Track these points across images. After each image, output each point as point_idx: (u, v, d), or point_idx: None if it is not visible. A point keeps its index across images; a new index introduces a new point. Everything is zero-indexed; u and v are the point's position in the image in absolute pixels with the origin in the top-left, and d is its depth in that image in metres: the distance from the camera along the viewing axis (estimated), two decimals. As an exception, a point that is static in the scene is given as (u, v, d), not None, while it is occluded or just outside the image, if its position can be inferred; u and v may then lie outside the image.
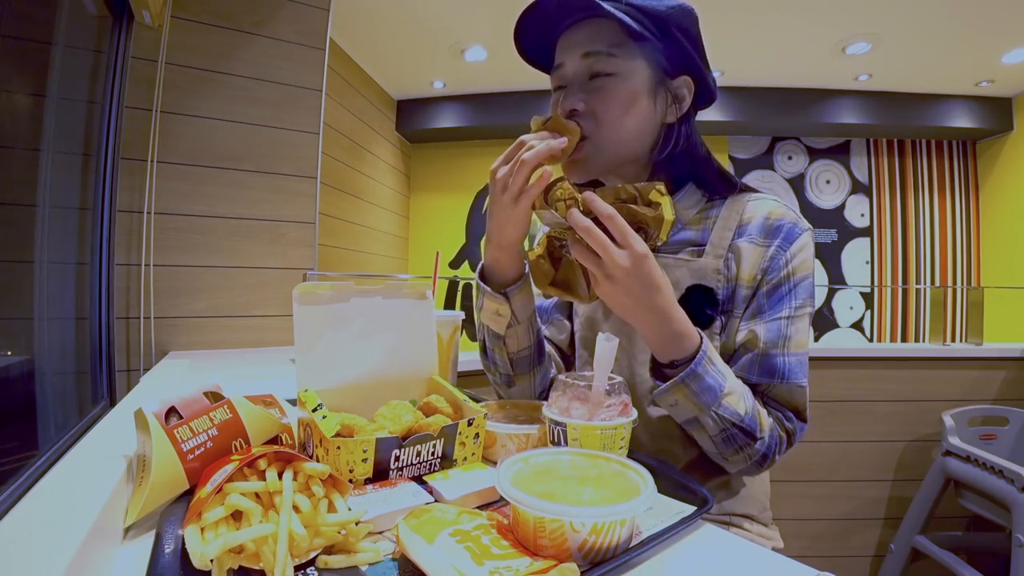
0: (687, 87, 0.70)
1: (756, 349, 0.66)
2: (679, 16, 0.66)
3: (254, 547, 0.35)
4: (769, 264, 0.66)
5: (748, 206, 0.70)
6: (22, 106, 1.10)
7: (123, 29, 1.40)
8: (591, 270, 0.56)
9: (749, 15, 2.74)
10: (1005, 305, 3.51)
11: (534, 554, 0.38)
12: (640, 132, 0.68)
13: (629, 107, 0.66)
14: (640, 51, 0.65)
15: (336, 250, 3.00)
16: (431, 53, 3.23)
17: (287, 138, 1.73)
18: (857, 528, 1.90)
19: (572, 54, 0.67)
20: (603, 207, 0.54)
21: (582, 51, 0.66)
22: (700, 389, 0.58)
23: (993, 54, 3.05)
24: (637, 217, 0.57)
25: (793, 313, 0.66)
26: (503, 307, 0.70)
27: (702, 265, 0.69)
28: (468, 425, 0.56)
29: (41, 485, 0.44)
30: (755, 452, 0.62)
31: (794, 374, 0.65)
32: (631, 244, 0.54)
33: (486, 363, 0.80)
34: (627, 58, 0.65)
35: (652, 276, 0.55)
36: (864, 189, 4.08)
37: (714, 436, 0.61)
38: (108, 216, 1.39)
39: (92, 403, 1.32)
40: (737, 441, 0.61)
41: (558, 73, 0.69)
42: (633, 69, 0.65)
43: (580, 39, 0.66)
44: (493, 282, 0.70)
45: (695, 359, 0.58)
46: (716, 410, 0.59)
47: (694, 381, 0.58)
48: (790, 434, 0.66)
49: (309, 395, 0.57)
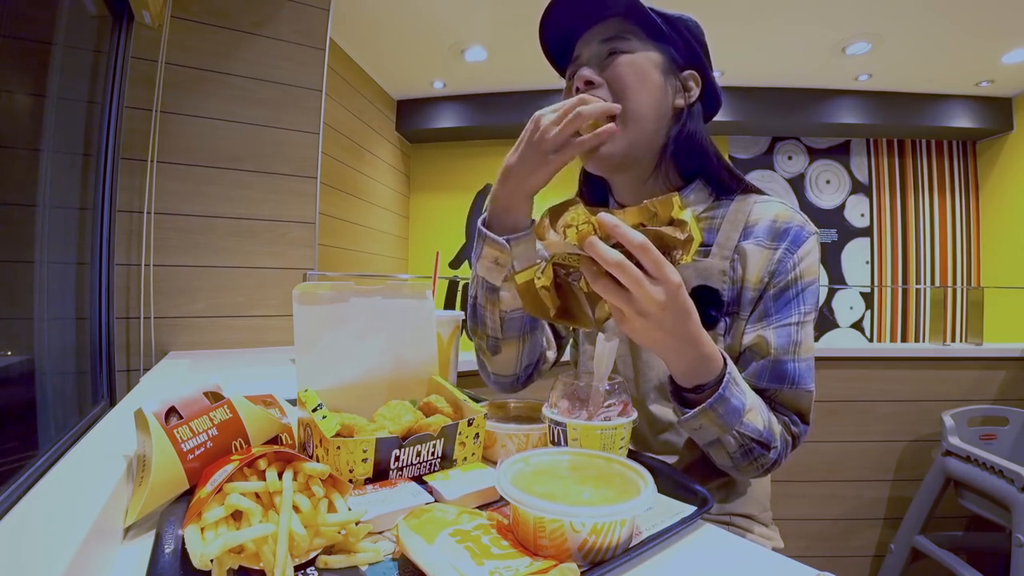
0: (694, 80, 0.72)
1: (767, 355, 0.65)
2: (688, 22, 0.70)
3: (254, 547, 0.35)
4: (776, 267, 0.66)
5: (755, 208, 0.70)
6: (22, 106, 1.09)
7: (123, 29, 1.40)
8: (619, 307, 0.50)
9: (749, 15, 2.74)
10: (1005, 305, 3.51)
11: (534, 554, 0.38)
12: (655, 107, 0.68)
13: (644, 79, 0.67)
14: (653, 41, 0.68)
15: (336, 250, 3.00)
16: (431, 53, 3.23)
17: (287, 138, 1.73)
18: (857, 528, 1.90)
19: (590, 45, 0.69)
20: (632, 236, 0.47)
21: (600, 38, 0.68)
22: (726, 412, 0.56)
23: (993, 54, 3.05)
24: (665, 241, 0.50)
25: (802, 319, 0.66)
26: (503, 255, 0.67)
27: (708, 266, 0.68)
28: (468, 425, 0.56)
29: (41, 485, 0.44)
30: (768, 461, 0.62)
31: (803, 379, 0.65)
32: (667, 277, 0.48)
33: (474, 326, 0.77)
34: (643, 43, 0.68)
35: (685, 305, 0.51)
36: (864, 189, 4.08)
37: (733, 452, 0.60)
38: (108, 216, 1.39)
39: (92, 403, 1.32)
40: (754, 454, 0.61)
41: (576, 64, 0.71)
42: (646, 53, 0.68)
43: (598, 32, 0.69)
44: (497, 229, 0.68)
45: (722, 383, 0.56)
46: (739, 429, 0.58)
47: (721, 405, 0.56)
48: (795, 437, 0.66)
49: (309, 395, 0.57)
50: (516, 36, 2.93)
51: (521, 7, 2.62)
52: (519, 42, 3.00)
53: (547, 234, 0.53)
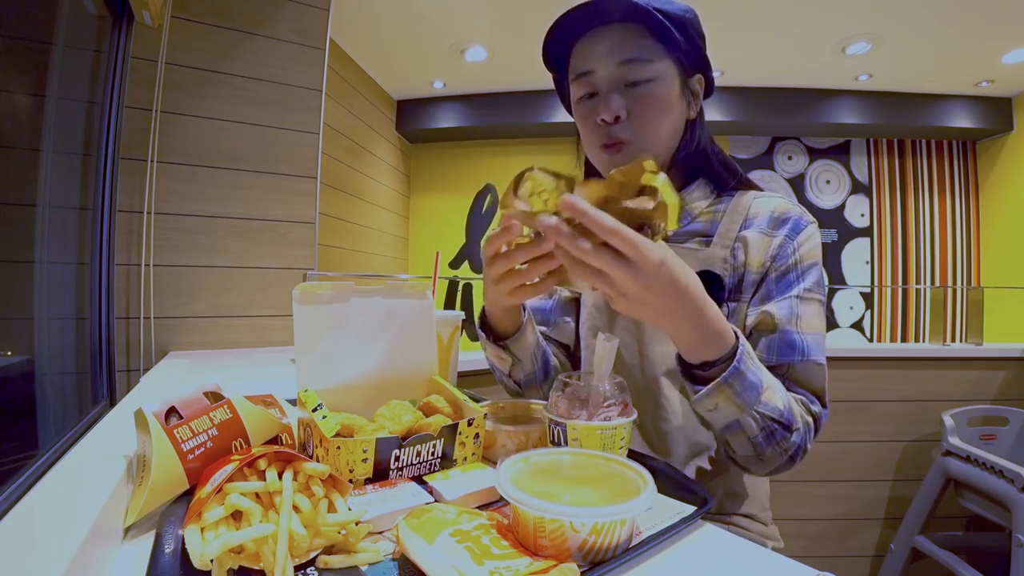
0: (699, 84, 0.73)
1: (772, 328, 0.65)
2: (692, 17, 0.69)
3: (254, 547, 0.35)
4: (778, 252, 0.68)
5: (755, 203, 0.72)
6: (22, 106, 1.10)
7: (123, 29, 1.40)
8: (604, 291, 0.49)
9: (749, 15, 2.74)
10: (1005, 305, 3.51)
11: (534, 554, 0.38)
12: (674, 132, 0.71)
13: (667, 111, 0.68)
14: (668, 54, 0.67)
15: (336, 250, 3.00)
16: (431, 53, 3.23)
17: (287, 138, 1.73)
18: (857, 528, 1.90)
19: (605, 61, 0.67)
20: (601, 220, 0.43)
21: (618, 59, 0.66)
22: (743, 388, 0.54)
23: (993, 54, 3.05)
24: (636, 215, 0.46)
25: (803, 294, 0.66)
26: (504, 354, 0.75)
27: (710, 254, 0.70)
28: (468, 425, 0.56)
29: (41, 485, 0.44)
30: (791, 445, 0.59)
31: (812, 351, 0.64)
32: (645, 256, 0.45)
33: (496, 376, 0.84)
34: (661, 62, 0.66)
35: (676, 281, 0.48)
36: (864, 189, 4.08)
37: (754, 437, 0.57)
38: (108, 216, 1.39)
39: (92, 403, 1.32)
40: (776, 436, 0.58)
41: (586, 80, 0.69)
42: (666, 72, 0.67)
43: (611, 45, 0.66)
44: (493, 331, 0.74)
45: (736, 356, 0.53)
46: (758, 408, 0.55)
47: (737, 380, 0.53)
48: (816, 419, 0.63)
49: (309, 395, 0.57)
50: (516, 36, 2.93)
51: (521, 7, 2.62)
52: (519, 42, 3.00)
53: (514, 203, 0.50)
